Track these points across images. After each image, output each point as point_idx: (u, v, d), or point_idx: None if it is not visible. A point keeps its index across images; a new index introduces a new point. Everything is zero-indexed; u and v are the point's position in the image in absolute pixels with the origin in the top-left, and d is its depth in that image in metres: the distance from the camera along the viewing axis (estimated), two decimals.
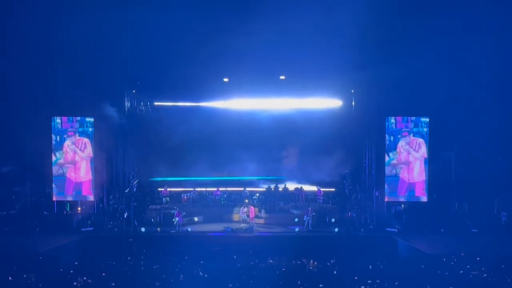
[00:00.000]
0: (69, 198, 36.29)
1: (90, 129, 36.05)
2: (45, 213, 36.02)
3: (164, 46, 34.23)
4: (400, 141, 35.84)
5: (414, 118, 35.93)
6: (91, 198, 36.22)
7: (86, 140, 36.03)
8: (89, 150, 36.01)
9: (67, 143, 36.01)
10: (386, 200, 36.37)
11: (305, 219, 35.53)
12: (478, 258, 26.25)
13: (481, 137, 35.40)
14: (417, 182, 35.84)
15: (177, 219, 35.36)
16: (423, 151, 35.71)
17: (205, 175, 42.86)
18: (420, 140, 35.74)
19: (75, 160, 36.06)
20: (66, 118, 36.26)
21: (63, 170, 36.00)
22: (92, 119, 36.07)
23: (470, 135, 35.68)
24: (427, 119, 35.78)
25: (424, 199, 35.88)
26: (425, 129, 35.73)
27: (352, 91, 40.24)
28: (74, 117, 36.14)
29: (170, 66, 36.60)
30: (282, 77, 38.92)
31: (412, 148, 35.75)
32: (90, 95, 35.21)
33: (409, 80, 34.80)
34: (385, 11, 32.03)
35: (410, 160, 35.84)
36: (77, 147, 35.98)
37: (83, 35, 32.64)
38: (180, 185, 42.18)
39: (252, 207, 37.14)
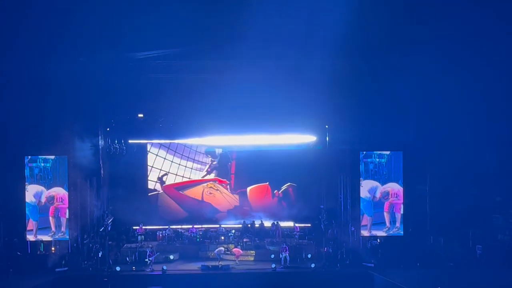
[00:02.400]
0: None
1: (63, 168, 35.80)
2: (18, 253, 35.43)
3: (137, 83, 34.36)
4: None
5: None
6: (66, 237, 35.87)
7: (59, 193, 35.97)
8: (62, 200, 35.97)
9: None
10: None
11: (281, 256, 35.38)
12: None
13: (455, 170, 35.74)
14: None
15: (150, 259, 35.06)
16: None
17: None
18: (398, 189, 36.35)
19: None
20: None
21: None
22: (65, 158, 35.79)
23: (444, 168, 36.02)
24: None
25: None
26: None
27: (327, 126, 40.49)
28: (47, 156, 35.84)
29: (144, 103, 36.66)
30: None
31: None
32: (64, 133, 35.10)
33: (383, 114, 35.15)
34: (358, 50, 32.56)
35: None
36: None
37: (57, 74, 32.70)
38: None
39: (239, 248, 37.15)
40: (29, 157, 35.75)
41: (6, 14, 29.79)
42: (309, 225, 42.11)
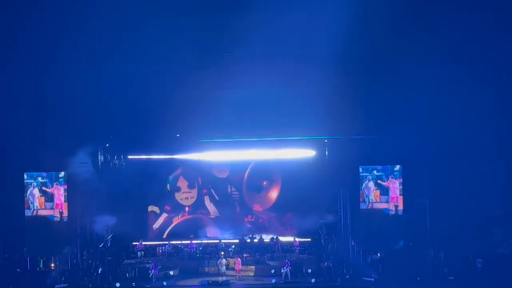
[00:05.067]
0: None
1: (63, 185, 35.76)
2: (18, 270, 35.34)
3: (135, 99, 34.39)
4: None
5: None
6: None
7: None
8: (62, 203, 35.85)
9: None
10: None
11: (282, 271, 35.28)
12: None
13: (455, 184, 35.76)
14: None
15: (152, 271, 34.99)
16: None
17: None
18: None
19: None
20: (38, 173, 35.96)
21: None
22: (65, 174, 35.80)
23: (444, 182, 36.04)
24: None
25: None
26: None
27: (326, 141, 40.54)
28: (46, 172, 35.83)
29: (144, 119, 36.69)
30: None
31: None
32: (63, 150, 35.10)
33: (382, 129, 35.23)
34: (357, 64, 32.68)
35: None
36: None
37: (56, 89, 32.73)
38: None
39: (239, 259, 37.00)
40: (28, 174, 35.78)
41: (5, 31, 29.91)
42: (309, 239, 42.10)
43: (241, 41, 30.25)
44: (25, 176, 35.74)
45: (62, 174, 35.85)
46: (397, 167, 36.28)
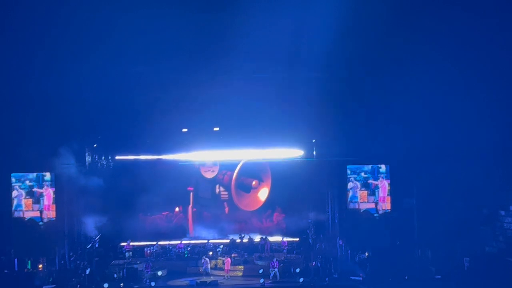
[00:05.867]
0: None
1: (50, 185, 35.65)
2: (6, 271, 35.19)
3: (123, 100, 34.30)
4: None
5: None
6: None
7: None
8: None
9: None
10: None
11: (270, 271, 35.34)
12: None
13: (442, 183, 35.89)
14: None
15: (147, 270, 35.25)
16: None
17: None
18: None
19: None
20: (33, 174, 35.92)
21: None
22: (52, 175, 35.70)
23: (431, 181, 36.17)
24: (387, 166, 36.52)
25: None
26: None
27: (314, 140, 40.67)
28: (34, 173, 35.72)
29: (131, 119, 36.61)
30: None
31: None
32: (50, 150, 35.01)
33: (369, 128, 35.30)
34: (345, 66, 32.74)
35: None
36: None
37: (42, 89, 32.55)
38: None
39: (229, 259, 37.04)
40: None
41: None
42: (297, 239, 42.20)
43: (230, 41, 30.19)
44: (13, 180, 35.67)
45: (48, 176, 35.71)
46: (383, 167, 36.45)
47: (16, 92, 32.87)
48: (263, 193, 45.34)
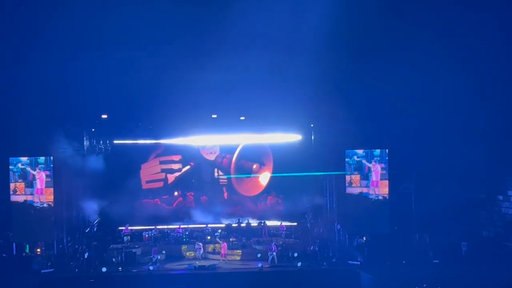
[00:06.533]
0: None
1: (49, 169, 35.59)
2: (4, 255, 35.25)
3: (122, 83, 34.17)
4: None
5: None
6: None
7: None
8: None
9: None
10: None
11: (268, 255, 35.43)
12: None
13: (440, 167, 35.87)
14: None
15: (155, 256, 35.49)
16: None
17: None
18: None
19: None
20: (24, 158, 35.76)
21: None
22: (50, 159, 35.62)
23: (429, 166, 36.15)
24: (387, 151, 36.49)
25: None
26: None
27: (312, 125, 40.62)
28: (32, 157, 35.67)
29: (129, 103, 36.52)
30: (242, 118, 39.56)
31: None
32: (48, 134, 34.94)
33: (368, 112, 35.21)
34: (343, 50, 32.55)
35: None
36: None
37: (41, 74, 32.41)
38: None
39: (225, 244, 37.09)
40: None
41: None
42: (295, 224, 42.24)
43: (228, 25, 30.06)
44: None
45: (42, 159, 35.61)
46: (377, 151, 36.39)
47: (13, 76, 32.74)
48: (264, 178, 45.15)
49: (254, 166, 44.89)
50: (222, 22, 29.80)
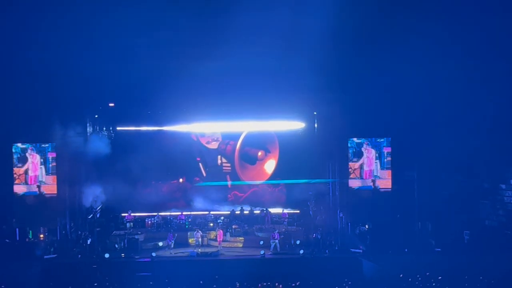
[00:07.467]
0: None
1: (52, 155, 35.66)
2: (7, 241, 35.35)
3: (126, 70, 34.11)
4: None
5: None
6: None
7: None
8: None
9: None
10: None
11: (271, 243, 35.49)
12: (440, 278, 26.65)
13: (443, 156, 35.86)
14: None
15: (172, 241, 35.97)
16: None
17: None
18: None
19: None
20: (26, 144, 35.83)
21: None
22: (53, 145, 35.69)
23: (432, 155, 36.14)
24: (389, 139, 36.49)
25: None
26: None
27: (315, 113, 40.58)
28: (35, 143, 35.71)
29: (132, 90, 36.47)
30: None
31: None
32: (51, 120, 34.99)
33: (372, 101, 35.12)
34: (347, 38, 32.43)
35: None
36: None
37: (44, 60, 32.36)
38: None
39: (221, 231, 37.09)
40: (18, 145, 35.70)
41: None
42: (298, 211, 42.29)
43: (230, 12, 29.96)
44: None
45: (51, 145, 35.72)
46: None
47: (17, 63, 32.69)
48: (269, 165, 44.91)
49: (259, 153, 44.59)
50: (226, 10, 29.71)
